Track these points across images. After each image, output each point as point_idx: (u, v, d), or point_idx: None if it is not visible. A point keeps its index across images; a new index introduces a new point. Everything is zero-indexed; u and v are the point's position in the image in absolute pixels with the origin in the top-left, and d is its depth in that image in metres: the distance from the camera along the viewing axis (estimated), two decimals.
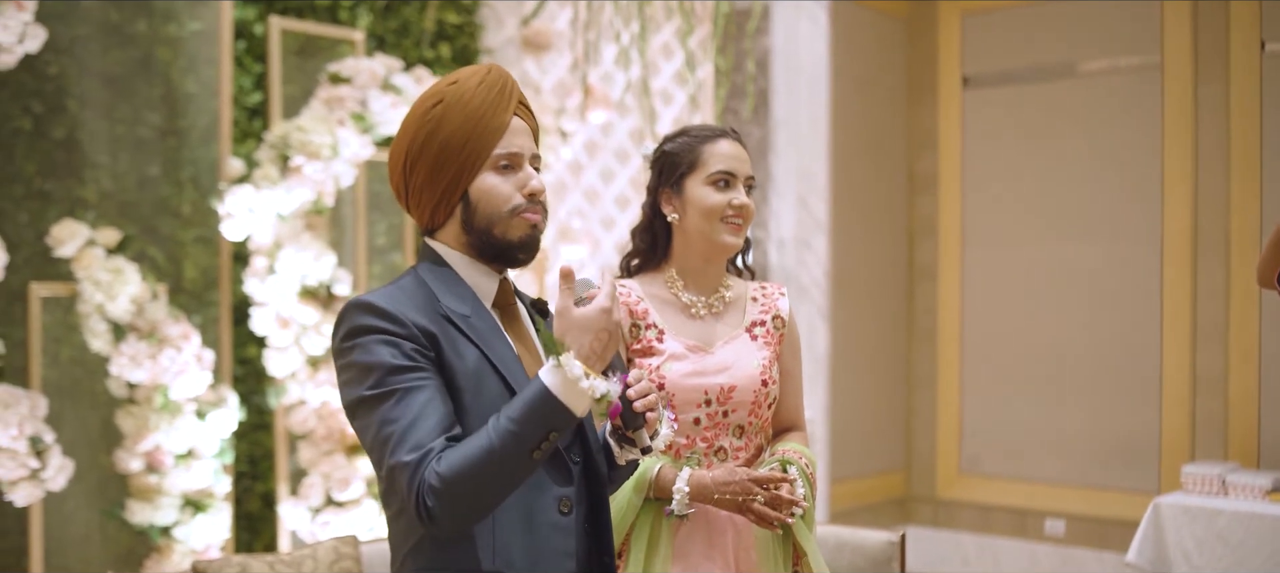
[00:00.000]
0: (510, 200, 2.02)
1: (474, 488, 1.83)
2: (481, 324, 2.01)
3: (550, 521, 1.99)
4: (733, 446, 2.70)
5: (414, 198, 2.07)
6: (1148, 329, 6.31)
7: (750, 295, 2.84)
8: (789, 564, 2.73)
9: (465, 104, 2.00)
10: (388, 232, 5.01)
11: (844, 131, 6.57)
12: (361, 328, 1.92)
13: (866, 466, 6.99)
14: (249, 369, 4.64)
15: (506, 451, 1.82)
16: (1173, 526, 4.94)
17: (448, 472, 1.81)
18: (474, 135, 2.00)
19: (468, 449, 1.83)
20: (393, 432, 1.86)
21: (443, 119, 2.00)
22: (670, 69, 5.79)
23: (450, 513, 1.83)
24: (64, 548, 4.21)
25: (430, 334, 1.93)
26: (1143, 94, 6.34)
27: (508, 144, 2.03)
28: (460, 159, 2.00)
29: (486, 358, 1.97)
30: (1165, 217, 6.23)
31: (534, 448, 1.84)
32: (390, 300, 1.94)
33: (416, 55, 5.10)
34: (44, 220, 4.15)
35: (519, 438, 1.83)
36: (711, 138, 2.74)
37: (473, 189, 2.02)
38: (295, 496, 4.51)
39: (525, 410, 1.84)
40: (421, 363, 1.91)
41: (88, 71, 4.29)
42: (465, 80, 2.03)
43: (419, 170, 2.03)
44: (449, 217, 2.06)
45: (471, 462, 1.82)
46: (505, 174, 2.03)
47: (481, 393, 1.95)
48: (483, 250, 2.04)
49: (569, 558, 2.01)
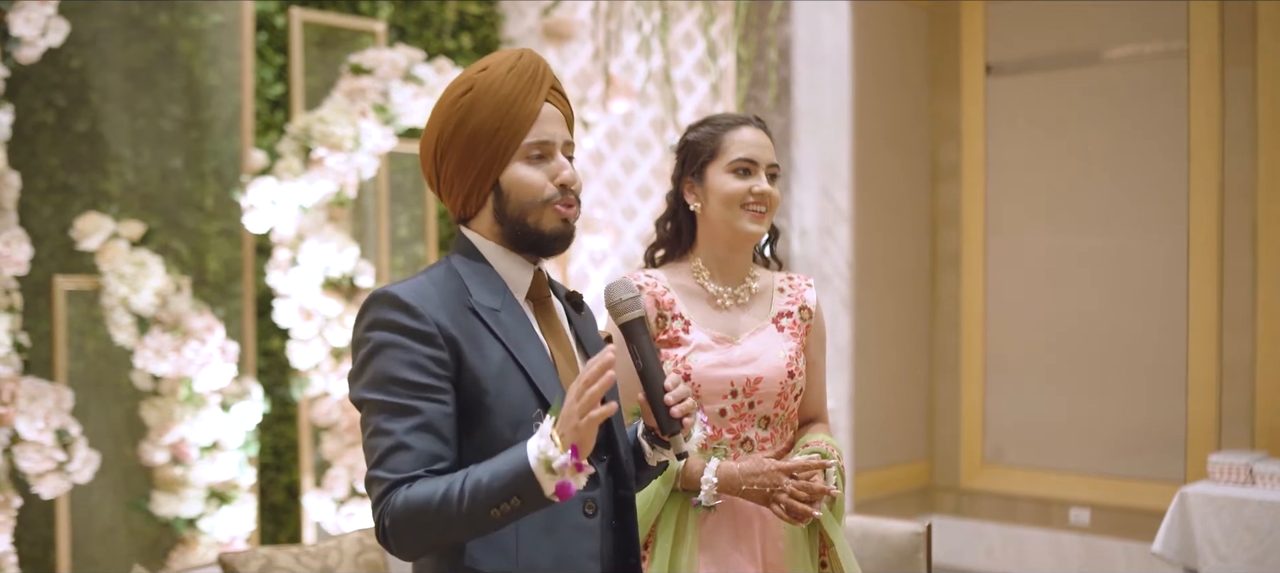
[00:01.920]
0: (542, 191, 1.99)
1: (424, 529, 1.83)
2: (511, 320, 1.98)
3: (574, 522, 1.97)
4: (758, 437, 2.68)
5: (446, 187, 2.04)
6: (1174, 317, 6.27)
7: (777, 286, 2.82)
8: (816, 555, 2.72)
9: (495, 91, 1.97)
10: (410, 223, 5.01)
11: (866, 120, 6.54)
12: (382, 323, 1.90)
13: (889, 455, 6.96)
14: (272, 361, 4.64)
15: (469, 504, 1.80)
16: (1199, 515, 4.90)
17: (405, 507, 1.82)
18: (504, 124, 1.97)
19: (430, 491, 1.81)
20: (378, 445, 1.86)
21: (472, 107, 1.97)
22: (692, 58, 5.76)
23: (398, 543, 1.85)
24: (90, 540, 4.22)
25: (451, 337, 1.90)
26: (1168, 80, 6.29)
27: (539, 132, 2.00)
28: (491, 148, 1.97)
29: (512, 357, 1.94)
30: (1191, 204, 6.18)
31: (493, 507, 1.80)
32: (416, 294, 1.91)
33: (438, 46, 5.09)
34: (67, 214, 4.17)
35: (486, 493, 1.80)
36: (734, 125, 2.73)
37: (504, 179, 1.99)
38: (319, 487, 4.51)
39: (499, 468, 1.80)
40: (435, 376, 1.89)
41: (110, 65, 4.30)
42: (495, 67, 2.00)
43: (449, 159, 2.00)
44: (481, 206, 2.02)
45: (429, 504, 1.81)
46: (537, 164, 2.00)
47: (505, 393, 1.92)
48: (516, 241, 2.01)
49: (593, 560, 1.99)
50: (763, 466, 2.55)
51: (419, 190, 5.01)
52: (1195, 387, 6.18)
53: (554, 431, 1.79)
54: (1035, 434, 6.83)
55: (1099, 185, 6.58)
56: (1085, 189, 6.63)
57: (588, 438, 1.81)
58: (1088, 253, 6.62)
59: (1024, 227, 6.88)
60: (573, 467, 1.77)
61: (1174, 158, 6.25)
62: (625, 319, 2.04)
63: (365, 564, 3.41)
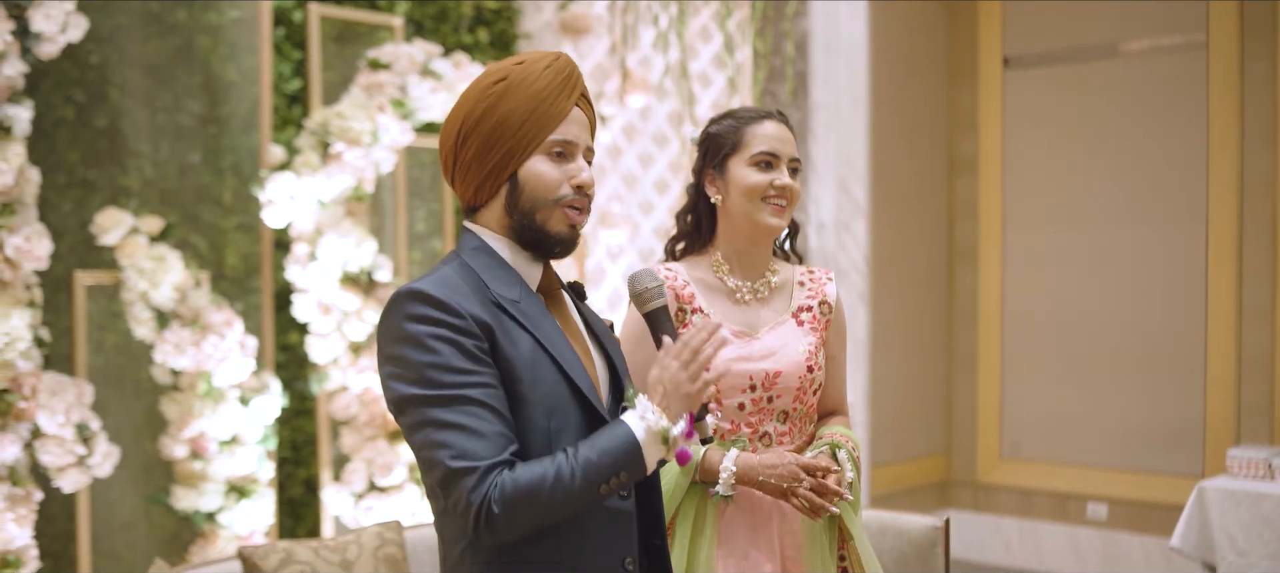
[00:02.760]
0: (557, 189, 2.00)
1: (539, 514, 1.86)
2: (532, 310, 1.99)
3: (612, 506, 1.99)
4: (777, 431, 2.68)
5: (461, 171, 2.04)
6: (1192, 311, 6.25)
7: (797, 280, 2.82)
8: (835, 548, 2.71)
9: (529, 85, 1.99)
10: (428, 218, 5.02)
11: (883, 114, 6.53)
12: (417, 317, 1.89)
13: (907, 450, 6.95)
14: (291, 356, 4.66)
15: (579, 486, 1.86)
16: (1218, 510, 4.88)
17: (515, 495, 1.83)
18: (532, 116, 1.98)
19: (538, 476, 1.85)
20: (449, 440, 1.84)
21: (504, 95, 1.99)
22: (709, 52, 5.76)
23: (508, 532, 1.85)
24: (110, 534, 4.24)
25: (485, 326, 1.91)
26: (1187, 73, 6.27)
27: (565, 132, 2.01)
28: (515, 138, 1.98)
29: (541, 345, 1.96)
30: (1210, 197, 6.16)
31: (602, 484, 1.87)
32: (444, 289, 1.91)
33: (455, 41, 5.10)
34: (87, 209, 4.18)
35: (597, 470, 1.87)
36: (755, 119, 2.72)
37: (522, 171, 2.00)
38: (338, 481, 4.52)
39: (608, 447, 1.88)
40: (478, 361, 1.89)
41: (129, 60, 4.31)
42: (532, 63, 2.02)
43: (471, 143, 2.01)
44: (493, 196, 2.03)
45: (540, 490, 1.84)
46: (557, 161, 2.01)
47: (537, 381, 1.93)
48: (521, 236, 2.02)
49: (630, 543, 2.02)
50: (782, 458, 2.55)
51: (437, 185, 5.01)
52: (1214, 381, 6.16)
53: (653, 403, 1.92)
54: (1053, 428, 6.81)
55: (1117, 179, 6.55)
56: (1103, 183, 6.60)
57: (697, 402, 1.94)
58: (1106, 247, 6.60)
59: (1041, 220, 6.86)
60: (686, 434, 1.92)
61: (1193, 152, 6.22)
62: (650, 308, 2.04)
63: (385, 558, 3.42)
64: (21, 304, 3.60)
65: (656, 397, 1.92)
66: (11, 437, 3.59)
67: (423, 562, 3.51)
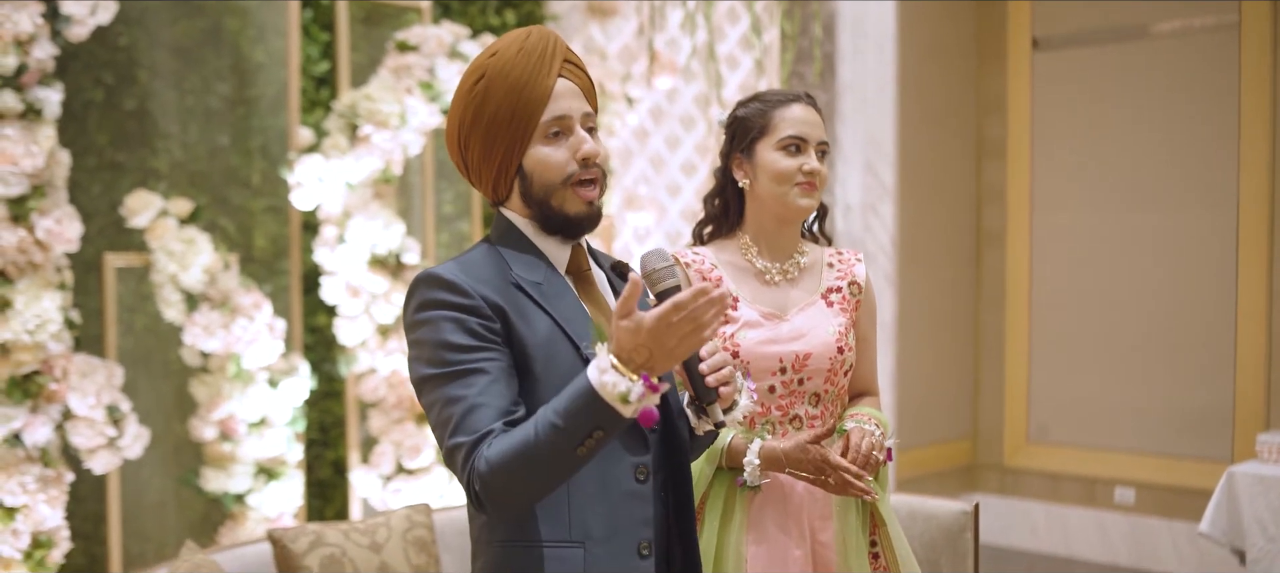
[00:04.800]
0: (564, 169, 1.99)
1: (518, 479, 1.81)
2: (554, 292, 1.99)
3: (627, 488, 1.98)
4: (808, 414, 2.67)
5: (474, 173, 2.06)
6: (1222, 295, 6.20)
7: (826, 261, 2.80)
8: (866, 532, 2.71)
9: (506, 75, 1.96)
10: (455, 200, 5.02)
11: (911, 96, 6.49)
12: (429, 302, 1.91)
13: (933, 433, 6.93)
14: (319, 338, 4.67)
15: (551, 446, 1.79)
16: (1247, 495, 4.84)
17: (495, 459, 1.80)
18: (519, 106, 1.96)
19: (513, 440, 1.81)
20: (452, 414, 1.86)
21: (486, 94, 1.97)
22: (736, 34, 5.74)
23: (495, 501, 1.83)
24: (140, 515, 4.27)
25: (498, 307, 1.91)
26: (1219, 55, 6.20)
27: (554, 109, 1.98)
28: (510, 133, 1.97)
29: (558, 326, 1.96)
30: (1241, 180, 6.10)
31: (578, 445, 1.79)
32: (459, 273, 1.93)
33: (482, 22, 5.09)
34: (117, 191, 4.20)
35: (564, 433, 1.78)
36: (784, 102, 2.71)
37: (526, 161, 1.99)
38: (366, 463, 4.54)
39: (568, 405, 1.79)
40: (489, 340, 1.89)
41: (158, 42, 4.32)
42: (504, 50, 1.99)
43: (473, 148, 2.01)
44: (511, 190, 2.04)
45: (515, 453, 1.80)
46: (556, 142, 1.99)
47: (553, 362, 1.93)
48: (544, 222, 2.02)
49: (646, 526, 2.00)
50: (807, 453, 2.52)
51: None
52: (1243, 365, 6.11)
53: (614, 358, 1.77)
54: (1080, 413, 6.77)
55: (1147, 162, 6.50)
56: (1133, 166, 6.55)
57: (666, 365, 1.79)
58: (1135, 230, 6.55)
59: (1070, 203, 6.81)
60: (648, 392, 1.75)
61: (1224, 133, 6.16)
62: (662, 288, 2.03)
63: (414, 541, 3.43)
64: (52, 286, 3.62)
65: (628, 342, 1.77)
66: (43, 418, 3.62)
67: (451, 545, 3.52)
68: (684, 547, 2.09)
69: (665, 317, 1.75)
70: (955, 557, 3.47)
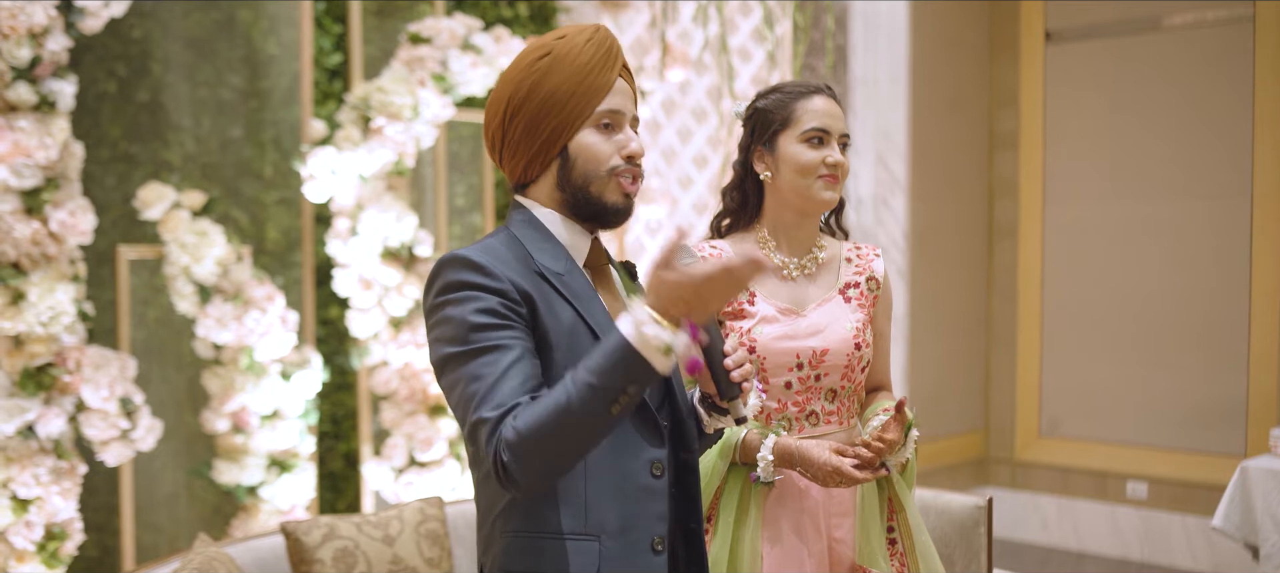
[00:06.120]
0: (609, 160, 2.00)
1: (550, 444, 1.78)
2: (576, 283, 1.99)
3: (643, 483, 1.97)
4: (825, 410, 2.65)
5: (509, 149, 2.05)
6: (1236, 288, 6.18)
7: (844, 256, 2.78)
8: (885, 519, 2.69)
9: (573, 59, 1.99)
10: (468, 192, 5.01)
11: (923, 88, 6.47)
12: (455, 283, 1.90)
13: (945, 427, 6.92)
14: (331, 330, 4.66)
15: (584, 405, 1.77)
16: (1261, 490, 4.82)
17: (524, 427, 1.77)
18: (579, 90, 1.99)
19: (544, 404, 1.78)
20: (477, 390, 1.83)
21: (549, 70, 1.99)
22: (748, 26, 5.72)
23: (526, 470, 1.79)
24: (153, 506, 4.27)
25: (526, 294, 1.91)
26: (1232, 46, 6.18)
27: (611, 103, 2.01)
28: (563, 113, 1.99)
29: (581, 317, 1.95)
30: (1255, 173, 6.08)
31: (612, 402, 1.77)
32: (485, 255, 1.92)
33: (495, 15, 5.08)
34: (130, 183, 4.20)
35: (597, 391, 1.76)
36: (805, 94, 2.69)
37: (572, 145, 2.00)
38: (378, 456, 4.54)
39: (602, 362, 1.77)
40: (513, 320, 1.88)
41: (171, 34, 4.32)
42: (574, 36, 2.02)
43: (518, 121, 2.01)
44: (543, 172, 2.04)
45: (547, 417, 1.77)
46: (606, 133, 2.01)
47: (575, 353, 1.92)
48: (576, 209, 2.02)
49: (661, 521, 1.99)
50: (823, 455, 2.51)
51: (477, 160, 5.01)
52: (1257, 359, 6.09)
53: (652, 312, 1.77)
54: (1092, 406, 6.76)
55: (1160, 154, 6.48)
56: (1146, 158, 6.53)
57: (705, 316, 1.81)
58: (1148, 223, 6.53)
59: (1083, 196, 6.79)
60: (691, 342, 1.79)
61: (1237, 126, 6.14)
62: None
63: (426, 534, 3.42)
64: (66, 279, 3.62)
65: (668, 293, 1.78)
66: (56, 410, 3.62)
67: (464, 537, 3.52)
68: (689, 544, 2.09)
69: (717, 277, 1.76)
70: (969, 551, 3.46)
